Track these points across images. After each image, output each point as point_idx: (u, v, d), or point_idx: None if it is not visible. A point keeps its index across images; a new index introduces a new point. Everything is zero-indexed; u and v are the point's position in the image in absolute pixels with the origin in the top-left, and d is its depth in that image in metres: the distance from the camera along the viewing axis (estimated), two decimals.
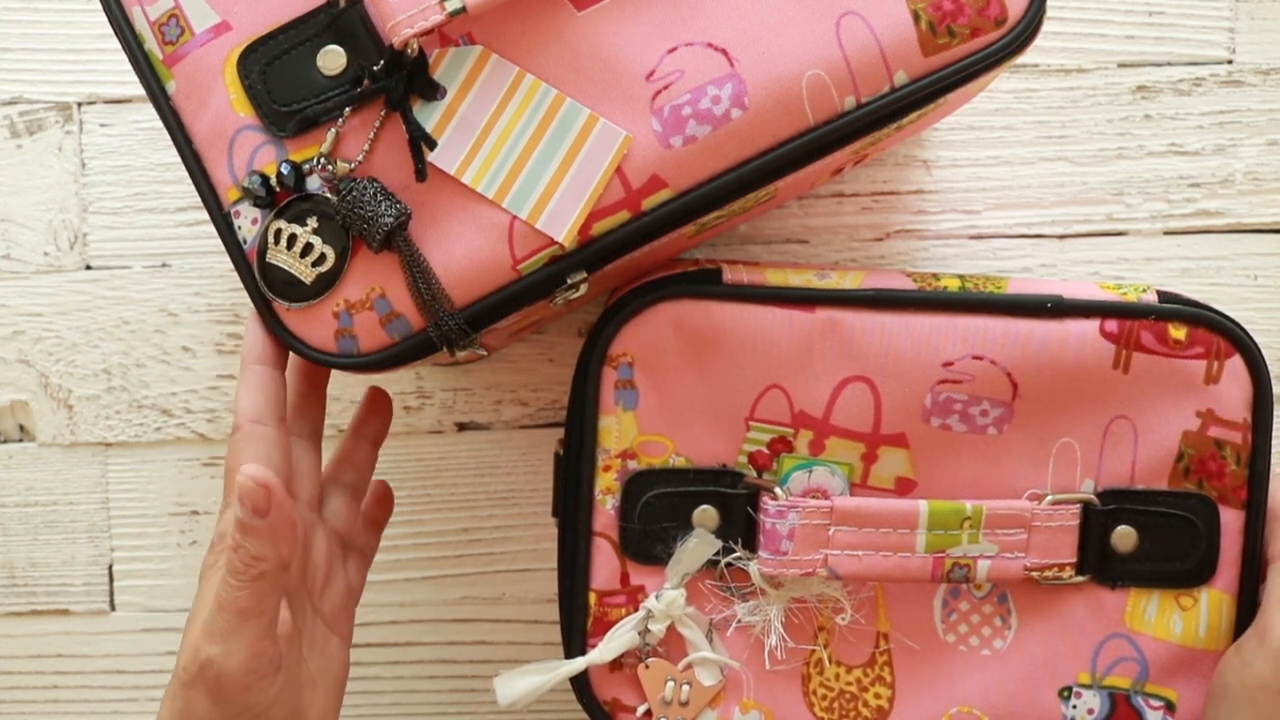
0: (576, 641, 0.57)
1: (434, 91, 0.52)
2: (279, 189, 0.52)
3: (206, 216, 0.60)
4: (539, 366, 0.69)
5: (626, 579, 0.57)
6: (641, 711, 0.58)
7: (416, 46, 0.51)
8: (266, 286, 0.53)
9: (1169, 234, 0.68)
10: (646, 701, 0.57)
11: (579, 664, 0.57)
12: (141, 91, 0.57)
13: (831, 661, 0.58)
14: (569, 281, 0.53)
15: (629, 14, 0.52)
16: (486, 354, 0.56)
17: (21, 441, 0.70)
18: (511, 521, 0.70)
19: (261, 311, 0.53)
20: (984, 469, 0.57)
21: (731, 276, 0.57)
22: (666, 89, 0.51)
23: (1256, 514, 0.57)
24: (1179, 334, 0.56)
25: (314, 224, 0.52)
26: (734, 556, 0.57)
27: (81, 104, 0.69)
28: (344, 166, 0.52)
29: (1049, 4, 0.53)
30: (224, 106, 0.53)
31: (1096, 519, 0.57)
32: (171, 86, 0.53)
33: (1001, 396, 0.56)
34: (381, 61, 0.51)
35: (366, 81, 0.51)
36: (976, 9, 0.51)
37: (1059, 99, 0.68)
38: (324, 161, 0.52)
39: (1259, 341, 0.56)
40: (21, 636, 0.71)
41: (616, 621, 0.57)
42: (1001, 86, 0.67)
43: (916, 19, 0.51)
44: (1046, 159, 0.68)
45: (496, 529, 0.70)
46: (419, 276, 0.52)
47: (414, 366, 0.57)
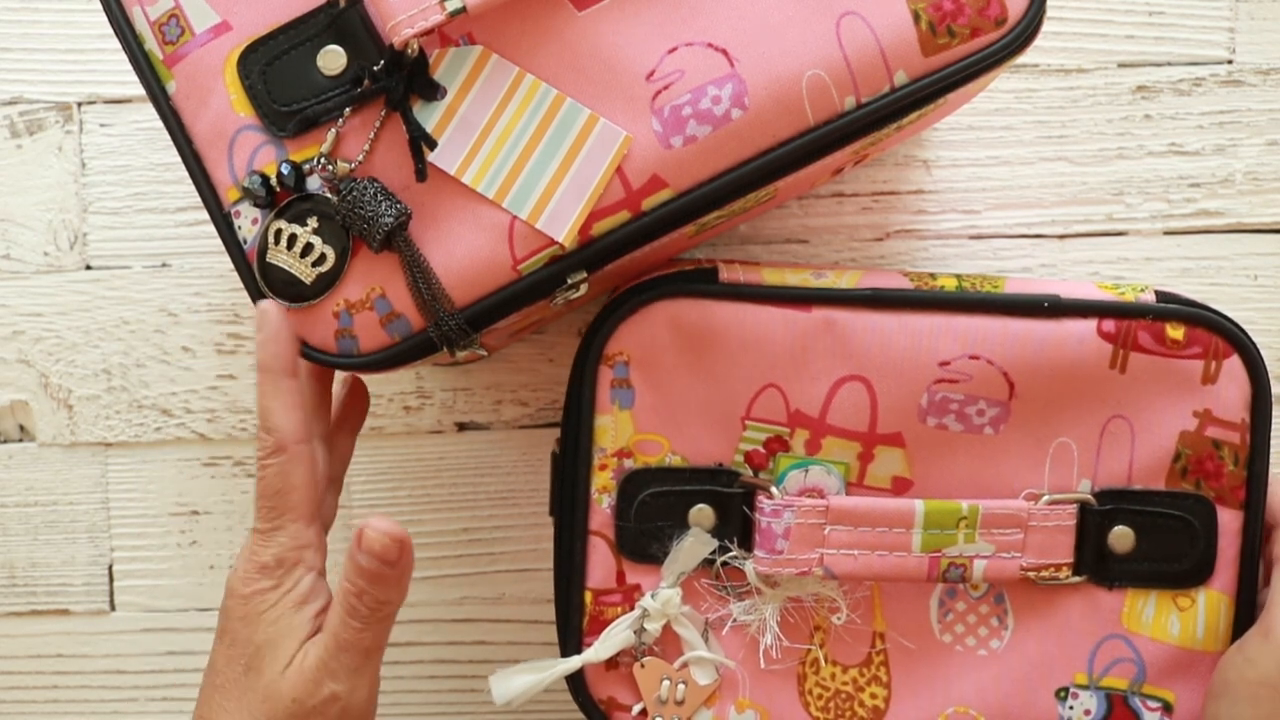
0: (572, 640, 0.57)
1: (434, 91, 0.52)
2: (279, 189, 0.52)
3: (206, 216, 0.60)
4: (539, 366, 0.69)
5: (622, 578, 0.57)
6: (637, 710, 0.58)
7: (417, 46, 0.51)
8: (267, 286, 0.53)
9: (1169, 234, 0.68)
10: (642, 700, 0.57)
11: (574, 663, 0.57)
12: (141, 91, 0.57)
13: (827, 661, 0.58)
14: (569, 281, 0.53)
15: (629, 14, 0.52)
16: (486, 354, 0.56)
17: (21, 441, 0.70)
18: (511, 521, 0.70)
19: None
20: (980, 469, 0.57)
21: (728, 276, 0.57)
22: (667, 89, 0.51)
23: (1255, 514, 0.57)
24: (1176, 334, 0.56)
25: (314, 224, 0.52)
26: (730, 555, 0.57)
27: (81, 104, 0.69)
28: (344, 166, 0.52)
29: (1049, 4, 0.53)
30: (224, 106, 0.53)
31: (1093, 519, 0.57)
32: (172, 87, 0.53)
33: (998, 396, 0.56)
34: (381, 61, 0.51)
35: (367, 81, 0.51)
36: (976, 9, 0.51)
37: (1059, 99, 0.67)
38: (324, 161, 0.52)
39: (1259, 341, 0.56)
40: (21, 636, 0.71)
41: (612, 620, 0.57)
42: (1001, 86, 0.67)
43: (916, 19, 0.51)
44: (1046, 159, 0.68)
45: (496, 529, 0.70)
46: (419, 276, 0.52)
47: (414, 366, 0.57)
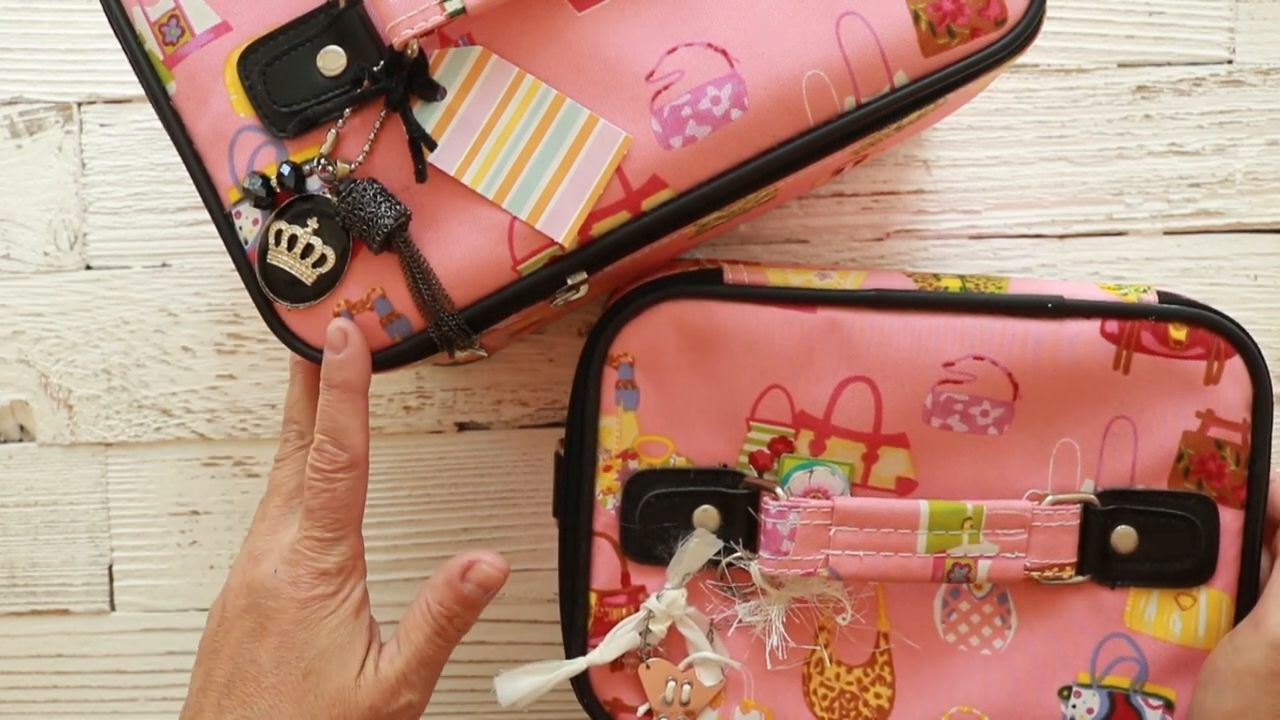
0: (577, 641, 0.57)
1: (434, 92, 0.52)
2: (279, 190, 0.52)
3: (206, 216, 0.60)
4: (539, 366, 0.69)
5: (627, 579, 0.57)
6: (642, 711, 0.58)
7: (416, 47, 0.51)
8: (268, 287, 0.53)
9: (1169, 234, 0.68)
10: (647, 701, 0.57)
11: (580, 664, 0.57)
12: (141, 91, 0.57)
13: (832, 661, 0.58)
14: (569, 282, 0.53)
15: (629, 14, 0.52)
16: (486, 354, 0.56)
17: (21, 441, 0.70)
18: (511, 521, 0.70)
19: (263, 312, 0.53)
20: (984, 469, 0.57)
21: (732, 277, 0.57)
22: (666, 89, 0.51)
23: (1256, 514, 0.57)
24: (1179, 334, 0.56)
25: (314, 225, 0.52)
26: (735, 556, 0.57)
27: (81, 104, 0.69)
28: (344, 167, 0.52)
29: (1049, 4, 0.53)
30: (224, 107, 0.52)
31: (1096, 519, 0.57)
32: (172, 87, 0.53)
33: (1002, 397, 0.56)
34: (381, 62, 0.51)
35: (366, 82, 0.51)
36: (976, 9, 0.51)
37: (1059, 99, 0.67)
38: (324, 162, 0.52)
39: (1259, 342, 0.57)
40: (21, 636, 0.71)
41: (617, 621, 0.57)
42: (1001, 86, 0.67)
43: (916, 19, 0.51)
44: (1046, 159, 0.68)
45: (496, 529, 0.70)
46: (419, 277, 0.52)
47: (414, 367, 0.57)
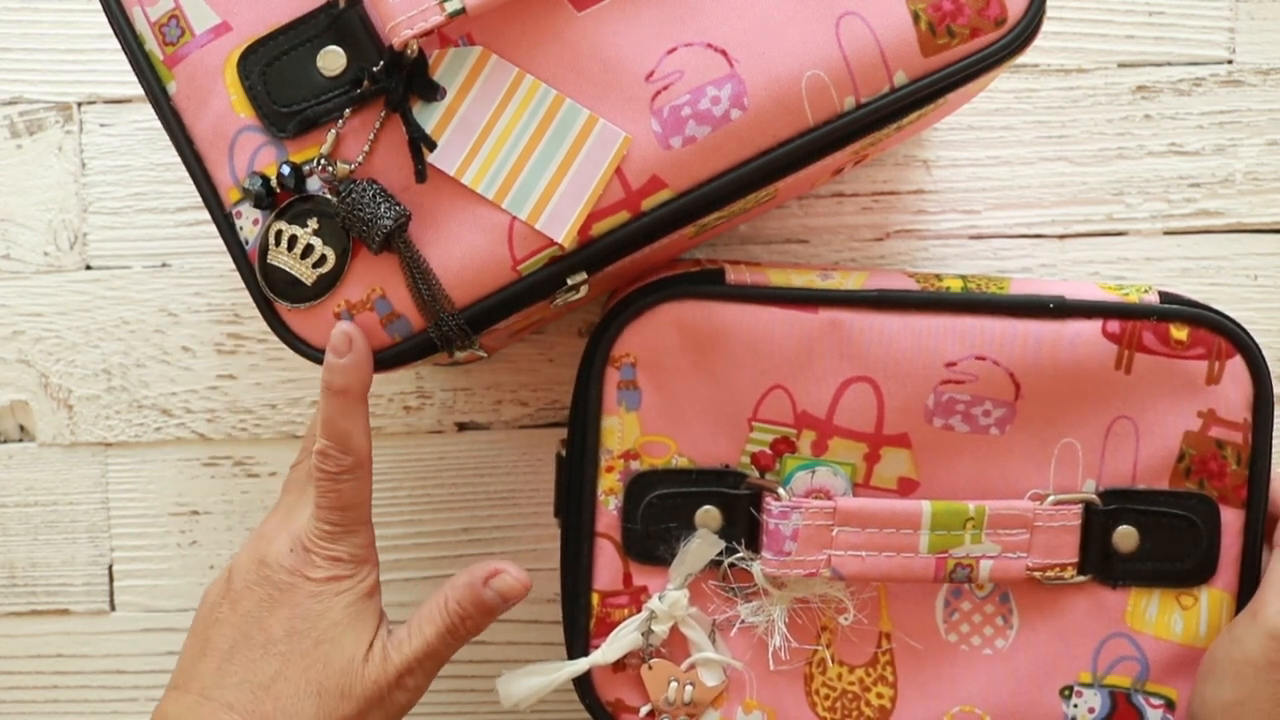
0: (579, 642, 0.57)
1: (434, 92, 0.52)
2: (280, 190, 0.52)
3: (206, 216, 0.60)
4: (539, 366, 0.69)
5: (629, 580, 0.57)
6: (644, 712, 0.57)
7: (416, 47, 0.51)
8: (268, 287, 0.53)
9: (1169, 234, 0.68)
10: (649, 702, 0.57)
11: (582, 665, 0.57)
12: (141, 91, 0.56)
13: (834, 661, 0.58)
14: (569, 283, 0.53)
15: (629, 14, 0.52)
16: (486, 354, 0.56)
17: (21, 441, 0.70)
18: (511, 521, 0.70)
19: (264, 312, 0.53)
20: (986, 469, 0.57)
21: (734, 277, 0.57)
22: (666, 89, 0.51)
23: (1257, 513, 0.57)
24: (1180, 335, 0.56)
25: (314, 225, 0.52)
26: (737, 557, 0.57)
27: (81, 104, 0.69)
28: (344, 168, 0.52)
29: (1049, 4, 0.53)
30: (224, 107, 0.52)
31: (1098, 519, 0.57)
32: (172, 87, 0.53)
33: (1004, 397, 0.56)
34: (381, 62, 0.51)
35: (366, 82, 0.51)
36: (976, 9, 0.51)
37: (1059, 99, 0.67)
38: (324, 163, 0.52)
39: (1259, 342, 0.57)
40: (21, 636, 0.71)
41: (619, 622, 0.57)
42: (1001, 86, 0.67)
43: (916, 19, 0.51)
44: (1046, 159, 0.68)
45: (496, 529, 0.70)
46: (419, 277, 0.52)
47: (414, 367, 0.57)
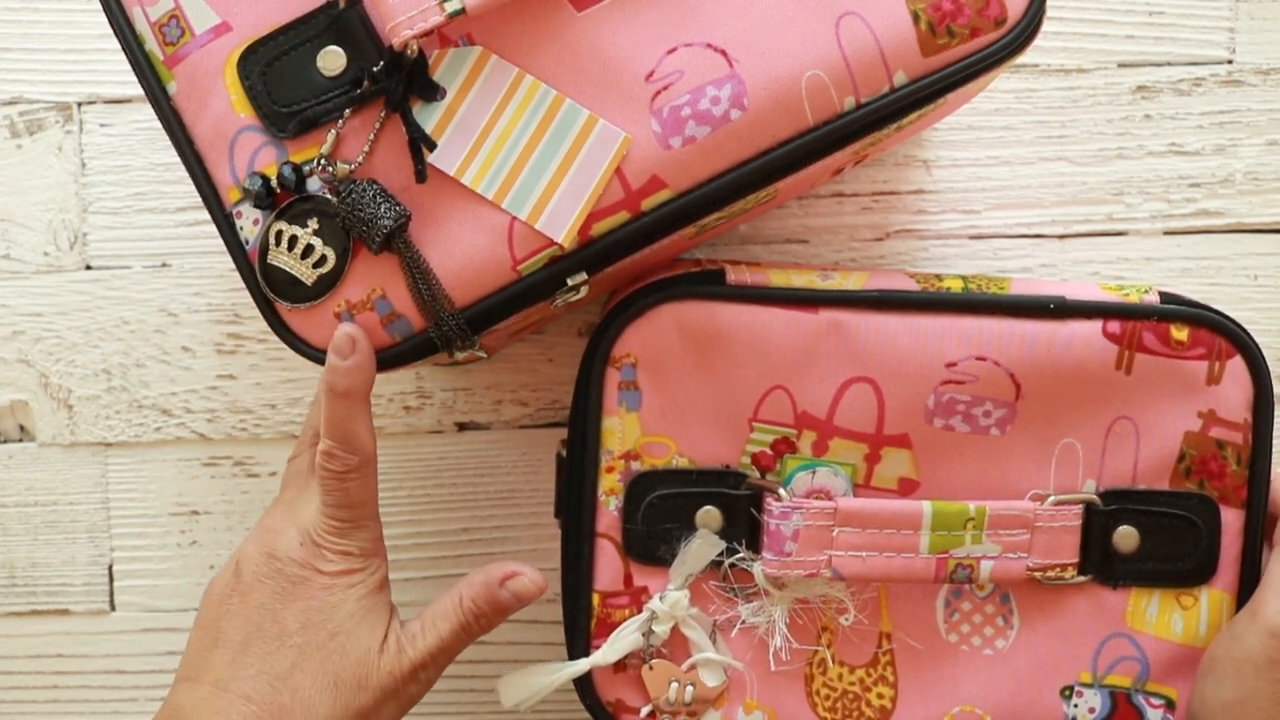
0: (580, 643, 0.57)
1: (434, 92, 0.52)
2: (280, 190, 0.52)
3: (206, 216, 0.60)
4: (539, 366, 0.69)
5: (630, 580, 0.57)
6: (645, 712, 0.57)
7: (416, 47, 0.51)
8: (268, 287, 0.53)
9: (1169, 234, 0.68)
10: (650, 702, 0.57)
11: (583, 665, 0.57)
12: (141, 91, 0.56)
13: (835, 662, 0.58)
14: (569, 283, 0.53)
15: (629, 15, 0.52)
16: (486, 355, 0.56)
17: (21, 441, 0.70)
18: (511, 521, 0.70)
19: (264, 312, 0.53)
20: (987, 469, 0.57)
21: (735, 277, 0.57)
22: (666, 90, 0.51)
23: (1257, 514, 0.57)
24: (1181, 335, 0.56)
25: (314, 225, 0.52)
26: (738, 557, 0.57)
27: (81, 104, 0.69)
28: (344, 168, 0.52)
29: (1049, 4, 0.53)
30: (225, 107, 0.52)
31: (1098, 519, 0.57)
32: (172, 87, 0.53)
33: (1004, 397, 0.56)
34: (381, 62, 0.51)
35: (366, 82, 0.51)
36: (976, 9, 0.51)
37: (1059, 99, 0.67)
38: (324, 163, 0.52)
39: (1259, 342, 0.57)
40: (21, 636, 0.71)
41: (620, 623, 0.57)
42: (1001, 86, 0.67)
43: (916, 19, 0.51)
44: (1046, 159, 0.68)
45: (496, 529, 0.70)
46: (419, 277, 0.52)
47: (414, 367, 0.57)
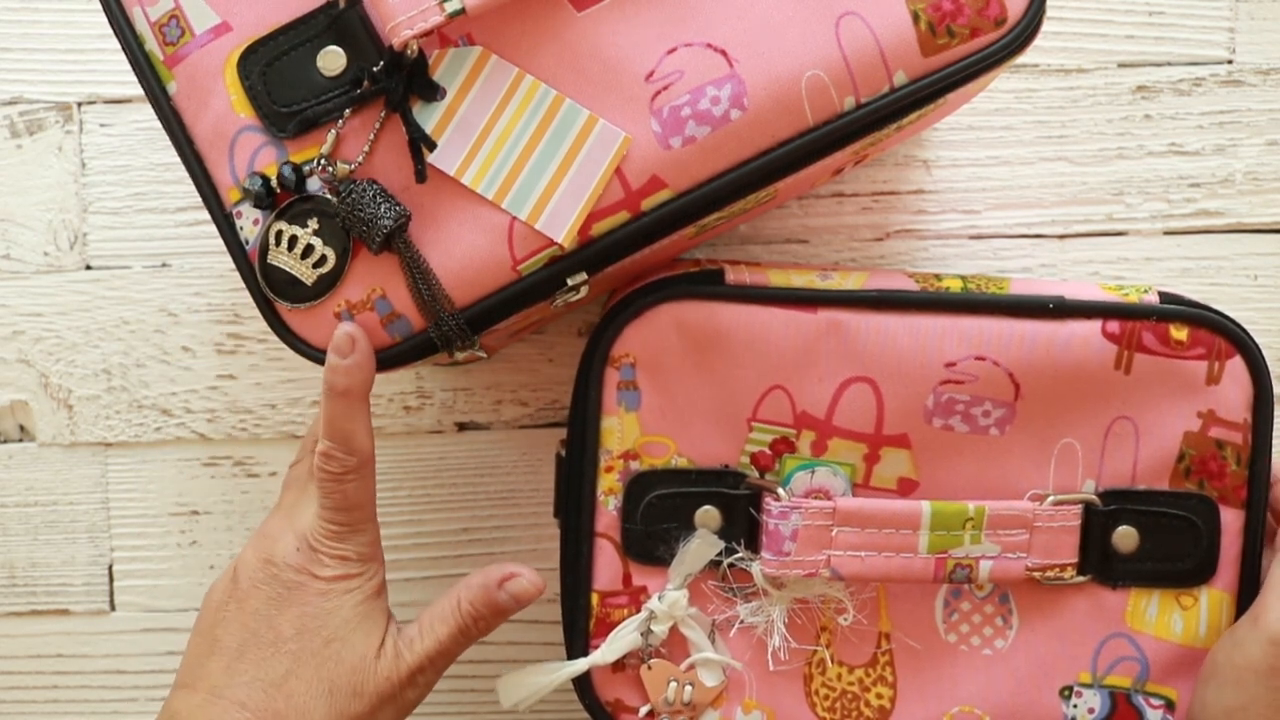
0: (579, 642, 0.57)
1: (434, 92, 0.52)
2: (280, 190, 0.52)
3: (206, 216, 0.60)
4: (539, 366, 0.69)
5: (629, 580, 0.57)
6: (644, 712, 0.57)
7: (416, 47, 0.51)
8: (268, 287, 0.53)
9: (1169, 234, 0.68)
10: (649, 702, 0.57)
11: (582, 665, 0.57)
12: (141, 91, 0.57)
13: (833, 662, 0.58)
14: (569, 283, 0.53)
15: (629, 15, 0.52)
16: (486, 355, 0.56)
17: (21, 441, 0.70)
18: (511, 521, 0.70)
19: (264, 312, 0.53)
20: (986, 469, 0.57)
21: (734, 277, 0.57)
22: (666, 90, 0.51)
23: (1256, 514, 0.57)
24: (1180, 335, 0.56)
25: (314, 225, 0.52)
26: (736, 557, 0.57)
27: (81, 104, 0.69)
28: (344, 168, 0.52)
29: (1049, 4, 0.53)
30: (224, 107, 0.52)
31: (1098, 519, 0.57)
32: (172, 87, 0.53)
33: (1004, 397, 0.56)
34: (381, 62, 0.51)
35: (366, 82, 0.51)
36: (976, 9, 0.51)
37: (1059, 99, 0.67)
38: (324, 163, 0.52)
39: (1259, 342, 0.57)
40: (21, 636, 0.71)
41: (619, 622, 0.57)
42: (1001, 86, 0.67)
43: (916, 19, 0.51)
44: (1046, 159, 0.68)
45: (496, 529, 0.70)
46: (419, 277, 0.52)
47: (414, 367, 0.57)
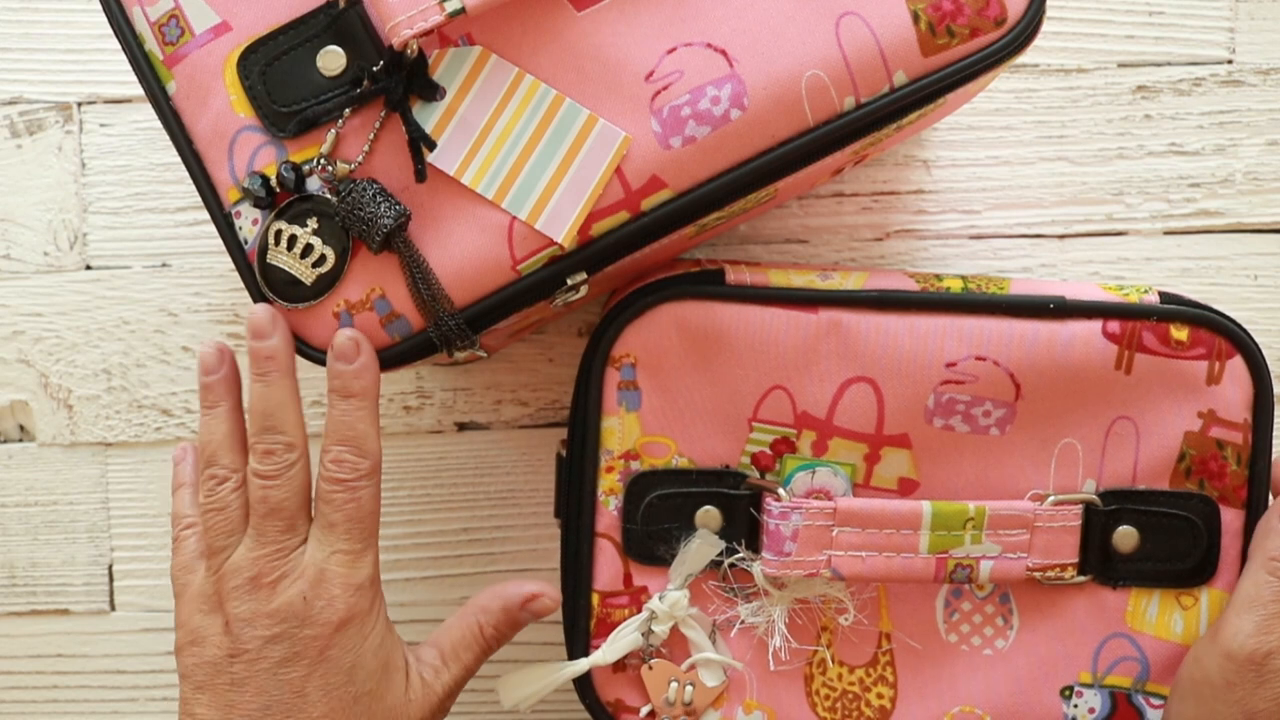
0: (580, 643, 0.57)
1: (433, 92, 0.52)
2: (279, 190, 0.52)
3: (206, 216, 0.60)
4: (539, 366, 0.69)
5: (629, 580, 0.57)
6: (645, 712, 0.58)
7: (416, 47, 0.51)
8: (268, 287, 0.53)
9: (1169, 234, 0.68)
10: (649, 702, 0.57)
11: (582, 665, 0.57)
12: (141, 91, 0.57)
13: (834, 662, 0.58)
14: (569, 283, 0.53)
15: (629, 14, 0.52)
16: (486, 354, 0.56)
17: (21, 441, 0.70)
18: (511, 521, 0.70)
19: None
20: (986, 469, 0.57)
21: (734, 277, 0.57)
22: (666, 89, 0.51)
23: (1257, 514, 0.57)
24: (1181, 335, 0.56)
25: (314, 225, 0.52)
26: (737, 557, 0.57)
27: (81, 104, 0.69)
28: (344, 167, 0.52)
29: (1049, 4, 0.53)
30: (224, 107, 0.52)
31: (1098, 519, 0.57)
32: (172, 87, 0.53)
33: (1004, 397, 0.56)
34: (381, 62, 0.51)
35: (366, 82, 0.51)
36: (976, 9, 0.51)
37: (1059, 99, 0.67)
38: (324, 162, 0.52)
39: (1259, 342, 0.57)
40: (21, 636, 0.71)
41: (620, 623, 0.57)
42: (1001, 86, 0.67)
43: (916, 19, 0.51)
44: (1046, 159, 0.68)
45: (496, 529, 0.70)
46: (419, 277, 0.52)
47: (414, 367, 0.57)
